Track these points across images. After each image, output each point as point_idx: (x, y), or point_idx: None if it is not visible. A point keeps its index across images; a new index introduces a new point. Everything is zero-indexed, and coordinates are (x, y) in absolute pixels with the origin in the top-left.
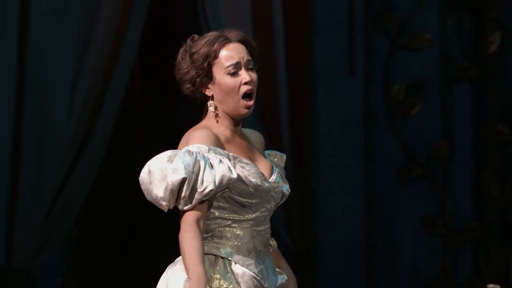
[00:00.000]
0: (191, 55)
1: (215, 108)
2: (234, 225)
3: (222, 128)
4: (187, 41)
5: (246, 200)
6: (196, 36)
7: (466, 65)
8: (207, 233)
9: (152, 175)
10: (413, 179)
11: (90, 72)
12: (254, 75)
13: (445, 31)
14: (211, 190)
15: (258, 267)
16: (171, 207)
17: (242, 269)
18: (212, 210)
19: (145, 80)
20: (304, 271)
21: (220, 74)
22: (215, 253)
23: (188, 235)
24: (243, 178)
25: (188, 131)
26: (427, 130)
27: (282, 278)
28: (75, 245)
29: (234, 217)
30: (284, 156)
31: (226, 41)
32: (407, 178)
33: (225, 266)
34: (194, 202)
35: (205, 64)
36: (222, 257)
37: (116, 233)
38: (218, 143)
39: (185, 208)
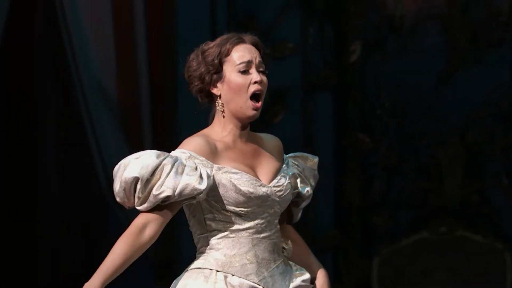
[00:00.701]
0: (203, 53)
1: (222, 105)
2: (231, 236)
3: (225, 133)
4: (201, 45)
5: (240, 209)
6: (210, 41)
7: (328, 73)
8: (205, 246)
9: (117, 169)
10: None
11: None
12: (265, 78)
13: (307, 40)
14: (167, 196)
15: (259, 276)
16: (130, 206)
17: (239, 280)
18: (208, 223)
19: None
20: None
21: (230, 71)
22: (210, 267)
23: (122, 237)
24: (233, 187)
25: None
26: (290, 138)
27: (300, 280)
28: None
29: (231, 227)
30: (316, 159)
31: (240, 40)
32: None
33: (221, 280)
34: (147, 204)
35: (216, 61)
36: (218, 271)
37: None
38: (212, 151)
39: (139, 208)
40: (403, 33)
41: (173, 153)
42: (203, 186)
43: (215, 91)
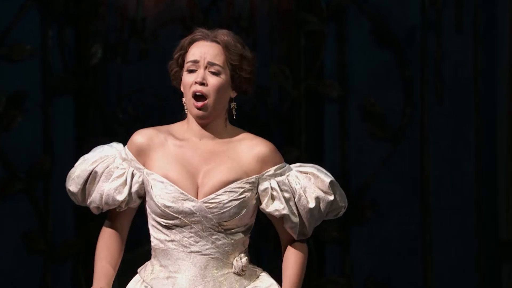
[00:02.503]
0: (175, 48)
1: (184, 102)
2: (161, 245)
3: (185, 129)
4: None
5: (162, 220)
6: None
7: (68, 77)
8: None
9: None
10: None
11: None
12: (214, 80)
13: (46, 43)
14: (97, 208)
15: None
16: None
17: None
18: (150, 227)
19: None
20: None
21: (184, 69)
22: (141, 274)
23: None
24: (153, 198)
25: None
26: (29, 144)
27: None
28: None
29: (159, 236)
30: (327, 181)
31: (199, 37)
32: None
33: None
34: (95, 212)
35: (178, 55)
36: (144, 280)
37: None
38: (152, 148)
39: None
40: (145, 36)
41: (115, 149)
42: (121, 197)
43: (181, 87)
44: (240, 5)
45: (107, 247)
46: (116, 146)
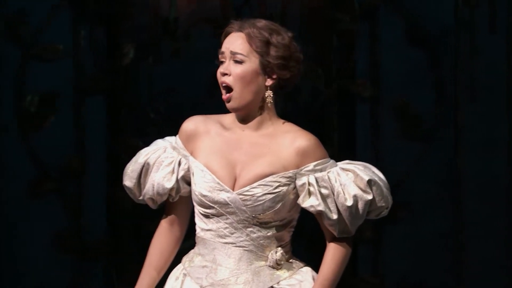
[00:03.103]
0: None
1: None
2: (201, 234)
3: (231, 119)
4: None
5: (201, 208)
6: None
7: (100, 77)
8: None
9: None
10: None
11: None
12: (236, 68)
13: (78, 43)
14: (151, 199)
15: (207, 281)
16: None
17: (190, 283)
18: (195, 218)
19: None
20: None
21: None
22: (184, 259)
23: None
24: (192, 185)
25: None
26: (60, 143)
27: None
28: None
29: (200, 225)
30: (365, 179)
31: (230, 30)
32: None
33: (181, 278)
34: (152, 205)
35: (219, 51)
36: (184, 267)
37: None
38: (199, 135)
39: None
40: (177, 36)
41: (168, 142)
42: (170, 184)
43: None
44: (272, 4)
45: (158, 248)
46: (168, 139)
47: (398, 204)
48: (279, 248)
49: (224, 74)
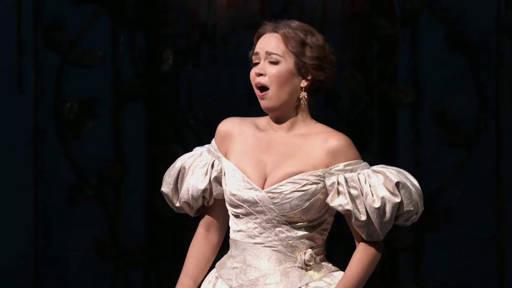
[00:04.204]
0: None
1: None
2: (232, 235)
3: (265, 121)
4: None
5: (231, 208)
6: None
7: (139, 83)
8: None
9: None
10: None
11: None
12: (272, 69)
13: (117, 49)
14: (186, 203)
15: (237, 282)
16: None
17: (221, 285)
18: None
19: None
20: None
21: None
22: (216, 265)
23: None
24: (223, 185)
25: None
26: (100, 149)
27: None
28: None
29: (233, 227)
30: (393, 181)
31: (264, 31)
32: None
33: (212, 281)
34: (189, 211)
35: (251, 53)
36: (216, 269)
37: None
38: (233, 136)
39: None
40: (216, 42)
41: (206, 147)
42: (202, 185)
43: None
44: (312, 10)
45: (195, 256)
46: (207, 145)
47: (438, 211)
48: (309, 250)
49: (260, 75)
